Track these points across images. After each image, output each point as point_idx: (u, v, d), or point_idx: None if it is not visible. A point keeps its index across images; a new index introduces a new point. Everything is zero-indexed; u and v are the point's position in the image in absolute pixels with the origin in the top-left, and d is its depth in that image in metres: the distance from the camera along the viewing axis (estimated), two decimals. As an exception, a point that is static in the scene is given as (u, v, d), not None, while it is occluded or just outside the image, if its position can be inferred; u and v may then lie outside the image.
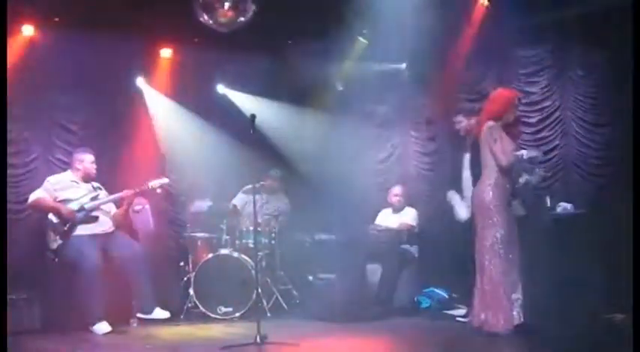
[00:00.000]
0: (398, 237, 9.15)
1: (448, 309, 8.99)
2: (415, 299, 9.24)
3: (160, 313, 8.50)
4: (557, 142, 8.68)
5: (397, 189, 9.79)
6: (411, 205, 9.79)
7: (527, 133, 8.97)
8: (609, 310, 7.27)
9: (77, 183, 8.56)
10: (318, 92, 10.67)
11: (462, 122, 8.23)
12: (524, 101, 8.98)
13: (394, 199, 9.74)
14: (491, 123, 6.91)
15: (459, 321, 8.15)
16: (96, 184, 8.72)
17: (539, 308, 7.04)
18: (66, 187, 8.46)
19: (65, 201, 8.35)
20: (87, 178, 8.61)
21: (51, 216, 8.29)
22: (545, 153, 8.80)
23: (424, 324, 8.35)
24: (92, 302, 7.98)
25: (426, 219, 9.64)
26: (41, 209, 8.38)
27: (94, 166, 8.64)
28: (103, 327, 7.94)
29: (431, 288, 9.33)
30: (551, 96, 8.73)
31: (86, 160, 8.61)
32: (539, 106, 8.82)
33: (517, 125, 7.10)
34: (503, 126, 6.92)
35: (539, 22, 8.83)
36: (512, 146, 6.86)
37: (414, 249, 9.31)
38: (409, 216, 9.58)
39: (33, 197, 8.38)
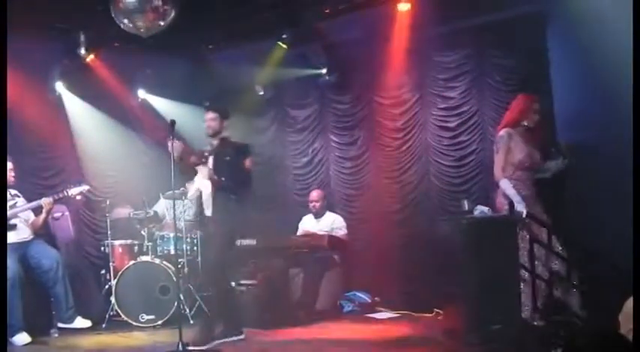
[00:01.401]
0: (319, 242, 9.18)
1: (370, 313, 9.09)
2: (338, 303, 9.30)
3: (81, 322, 8.41)
4: (474, 146, 8.81)
5: (314, 195, 9.85)
6: (333, 210, 9.85)
7: (445, 138, 9.11)
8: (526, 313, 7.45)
9: (-7, 190, 8.39)
10: (238, 97, 10.64)
11: None
12: (442, 106, 9.14)
13: (310, 205, 9.79)
14: (502, 132, 7.08)
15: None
16: (13, 192, 8.56)
17: (459, 310, 7.17)
18: (-20, 196, 8.29)
19: (-19, 209, 8.18)
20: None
21: (-35, 224, 8.12)
22: (463, 157, 8.95)
23: (347, 327, 8.44)
24: (11, 312, 7.82)
25: (348, 223, 9.69)
26: None
27: (12, 174, 8.49)
28: (22, 338, 7.81)
29: (353, 292, 9.42)
30: (469, 101, 8.84)
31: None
32: (457, 111, 8.93)
33: (539, 130, 7.17)
34: (525, 131, 7.08)
35: (458, 28, 8.96)
36: (521, 154, 6.96)
37: (335, 254, 9.34)
38: (331, 222, 9.63)
39: None
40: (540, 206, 7.01)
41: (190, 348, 6.98)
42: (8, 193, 8.49)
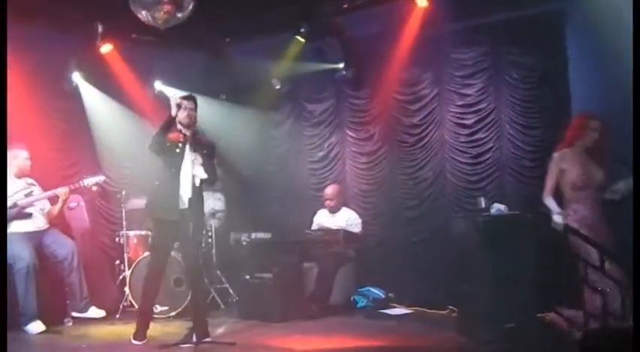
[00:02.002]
0: (333, 237, 9.17)
1: (384, 309, 9.08)
2: (351, 298, 9.30)
3: (95, 312, 8.44)
4: (491, 144, 8.78)
5: (329, 190, 9.82)
6: (348, 206, 9.84)
7: (462, 135, 9.08)
8: (542, 310, 7.43)
9: (10, 179, 8.43)
10: (255, 90, 10.66)
11: None
12: (459, 103, 9.11)
13: (326, 200, 9.77)
14: (554, 154, 7.04)
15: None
16: (30, 180, 8.60)
17: (472, 309, 7.15)
18: (-3, 184, 8.32)
19: (-3, 198, 8.22)
20: (20, 174, 8.50)
21: (-18, 212, 8.16)
22: (480, 154, 8.92)
23: (360, 323, 8.44)
24: (25, 300, 7.87)
25: (362, 219, 9.68)
26: None
27: (29, 163, 8.53)
28: (36, 327, 7.85)
29: (367, 288, 9.40)
30: (486, 98, 8.81)
31: (20, 156, 8.49)
32: (474, 108, 8.90)
33: (599, 148, 6.99)
34: (582, 151, 6.99)
35: (476, 24, 8.93)
36: (577, 174, 6.87)
37: (350, 249, 9.34)
38: (346, 218, 9.61)
39: None
40: (605, 227, 6.87)
41: (208, 340, 7.01)
42: (24, 182, 8.53)
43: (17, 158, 8.47)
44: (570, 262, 6.66)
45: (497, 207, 7.41)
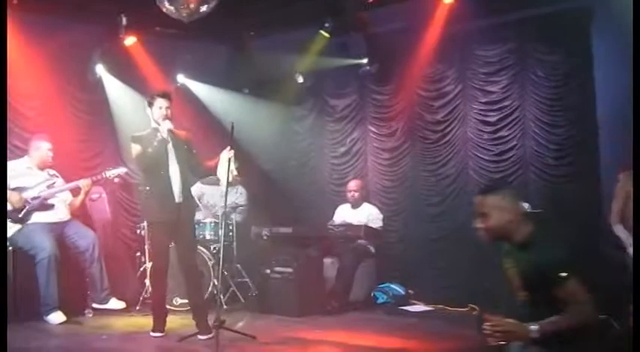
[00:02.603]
0: (355, 232, 9.16)
1: (404, 305, 9.06)
2: (371, 294, 9.28)
3: (115, 303, 8.45)
4: (515, 142, 8.72)
5: (352, 185, 9.82)
6: (369, 201, 9.82)
7: (485, 132, 9.03)
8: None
9: (32, 170, 8.46)
10: (278, 85, 10.65)
11: None
12: (483, 100, 9.05)
13: (349, 194, 9.76)
14: (620, 175, 6.87)
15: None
16: (52, 172, 8.63)
17: (493, 307, 7.10)
18: (21, 174, 8.36)
19: (19, 189, 8.25)
20: (43, 166, 8.52)
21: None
22: (503, 152, 8.87)
23: (380, 319, 8.42)
24: (47, 291, 7.90)
25: (384, 215, 9.66)
26: None
27: (51, 154, 8.55)
28: (57, 317, 7.87)
29: (387, 284, 9.38)
30: (510, 95, 8.75)
31: (42, 147, 8.51)
32: (498, 105, 8.84)
33: None
34: None
35: (501, 21, 8.89)
36: None
37: (371, 245, 9.32)
38: (368, 213, 9.60)
39: None
40: None
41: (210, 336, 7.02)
42: (47, 173, 8.56)
43: (39, 149, 8.49)
44: (594, 262, 6.61)
45: (521, 205, 7.36)
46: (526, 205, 7.40)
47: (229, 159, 7.19)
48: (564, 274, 4.00)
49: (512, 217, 4.20)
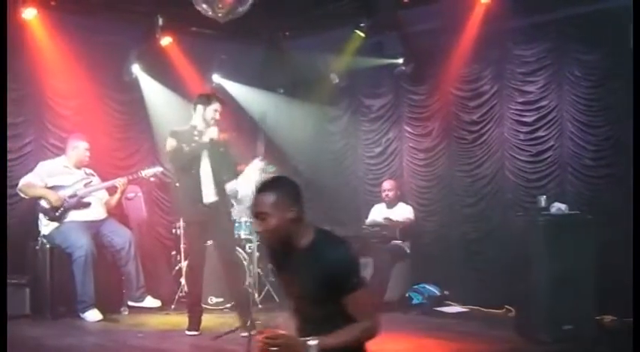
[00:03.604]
0: (390, 232, 9.14)
1: (439, 306, 9.01)
2: (406, 294, 9.24)
3: (151, 302, 8.51)
4: (552, 143, 8.64)
5: (387, 184, 9.79)
6: (405, 201, 9.78)
7: (522, 132, 8.95)
8: (601, 312, 7.31)
9: (70, 169, 8.54)
10: (313, 85, 10.64)
11: None
12: (520, 100, 8.98)
13: (384, 194, 9.74)
14: None
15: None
16: (88, 170, 8.70)
17: (529, 309, 7.06)
18: (58, 173, 8.45)
19: (57, 187, 8.34)
20: (79, 164, 8.60)
21: (42, 201, 8.28)
22: (540, 153, 8.79)
23: (414, 320, 8.39)
24: (83, 288, 7.97)
25: (419, 215, 9.62)
26: (29, 194, 8.35)
27: (87, 153, 8.63)
28: (93, 315, 7.94)
29: (422, 284, 9.33)
30: (548, 95, 8.66)
31: (80, 147, 8.59)
32: (535, 106, 8.75)
33: None
34: None
35: (539, 21, 8.81)
36: None
37: (406, 245, 9.29)
38: (403, 213, 9.56)
39: (23, 181, 8.36)
40: None
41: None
42: (83, 172, 8.63)
43: (77, 148, 8.57)
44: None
45: (558, 207, 7.31)
46: (563, 207, 7.34)
47: (260, 169, 7.27)
48: (357, 278, 3.66)
49: (293, 216, 3.69)
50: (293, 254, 3.78)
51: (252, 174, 7.72)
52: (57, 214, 8.28)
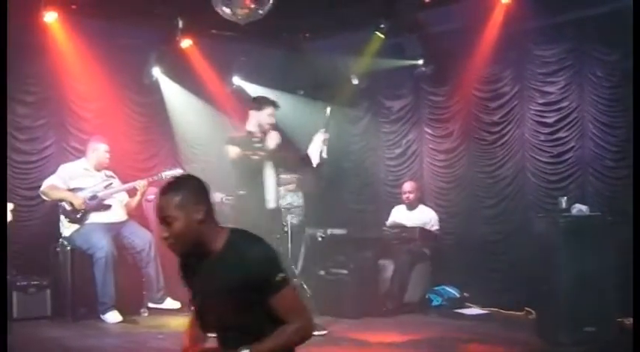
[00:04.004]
0: (410, 234, 9.12)
1: (459, 308, 8.97)
2: (426, 296, 9.20)
3: (171, 303, 8.52)
4: (573, 144, 8.58)
5: (408, 186, 9.77)
6: (425, 203, 9.76)
7: (543, 133, 8.90)
8: (622, 313, 7.25)
9: (90, 171, 8.59)
10: (333, 86, 10.63)
11: None
12: (541, 101, 8.93)
13: (404, 196, 9.72)
14: None
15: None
16: (109, 173, 8.74)
17: (550, 311, 7.01)
18: (79, 175, 8.50)
19: (77, 190, 8.38)
20: (100, 167, 8.64)
21: (64, 203, 8.33)
22: (561, 154, 8.74)
23: (434, 322, 8.37)
24: (104, 290, 8.00)
25: (440, 217, 9.59)
26: (52, 196, 8.41)
27: (107, 156, 8.66)
28: (114, 316, 7.96)
29: (442, 286, 9.29)
30: (569, 96, 8.61)
31: (100, 149, 8.63)
32: (556, 106, 8.70)
33: None
34: None
35: (559, 21, 8.76)
36: None
37: (426, 247, 9.26)
38: (425, 216, 9.54)
39: (45, 184, 8.41)
40: None
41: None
42: (103, 174, 8.67)
43: (97, 151, 8.61)
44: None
45: (579, 208, 7.26)
46: (584, 208, 7.30)
47: (323, 141, 7.29)
48: (280, 276, 3.36)
49: (202, 217, 3.39)
50: (206, 259, 3.48)
51: (314, 148, 7.70)
52: (78, 216, 8.33)
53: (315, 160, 7.35)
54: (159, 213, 3.41)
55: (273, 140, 7.39)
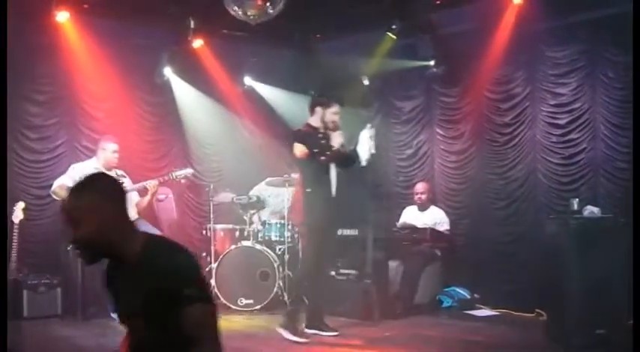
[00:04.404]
0: (421, 235, 9.11)
1: (469, 309, 8.95)
2: (437, 297, 9.19)
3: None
4: (585, 145, 8.56)
5: (420, 187, 9.77)
6: (436, 204, 9.74)
7: (555, 135, 8.88)
8: (632, 316, 7.22)
9: (100, 171, 8.56)
10: (344, 87, 10.61)
11: None
12: (552, 102, 8.91)
13: (416, 197, 9.71)
14: None
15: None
16: (119, 172, 8.71)
17: (561, 313, 6.98)
18: (89, 176, 8.46)
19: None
20: (108, 166, 8.61)
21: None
22: (573, 155, 8.72)
23: (444, 323, 8.35)
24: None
25: (450, 218, 9.57)
26: (62, 196, 8.41)
27: (116, 156, 8.62)
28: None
29: (452, 288, 9.28)
30: (581, 98, 8.59)
31: (108, 149, 8.61)
32: (568, 108, 8.69)
33: None
34: None
35: (571, 22, 8.74)
36: None
37: (437, 248, 9.24)
38: (435, 216, 9.52)
39: (56, 183, 8.42)
40: None
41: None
42: (114, 173, 8.66)
43: (105, 150, 8.59)
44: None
45: (590, 210, 7.23)
46: (596, 210, 7.26)
47: (370, 137, 7.30)
48: (190, 290, 2.99)
49: (112, 219, 3.05)
50: (122, 269, 3.15)
51: (362, 146, 7.71)
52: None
53: (364, 158, 7.37)
54: (62, 215, 3.11)
55: (337, 140, 7.41)
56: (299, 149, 7.35)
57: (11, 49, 6.84)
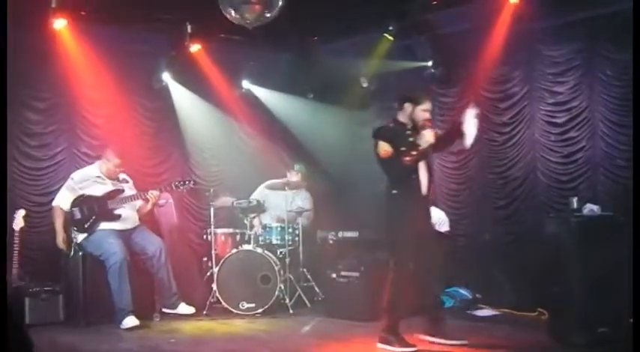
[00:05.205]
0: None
1: (471, 309, 8.95)
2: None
3: (185, 308, 8.52)
4: (584, 143, 8.57)
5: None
6: (436, 205, 9.73)
7: (553, 133, 8.89)
8: (632, 314, 7.22)
9: (102, 179, 8.56)
10: (343, 89, 10.63)
11: None
12: (550, 101, 8.92)
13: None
14: None
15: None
16: (122, 176, 8.71)
17: (563, 312, 6.98)
18: (90, 184, 8.49)
19: (87, 197, 8.37)
20: (109, 176, 8.59)
21: (75, 210, 8.34)
22: (572, 153, 8.73)
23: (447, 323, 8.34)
24: (120, 296, 7.98)
25: (451, 218, 9.57)
26: (54, 220, 8.47)
27: (118, 170, 8.60)
28: (132, 321, 7.94)
29: (454, 288, 9.27)
30: (579, 96, 8.60)
31: (112, 161, 8.56)
32: (566, 106, 8.70)
33: None
34: None
35: (568, 20, 8.75)
36: None
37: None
38: (434, 217, 9.49)
39: (55, 202, 8.48)
40: None
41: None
42: (116, 181, 8.66)
43: (109, 161, 8.56)
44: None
45: (590, 208, 7.23)
46: (596, 208, 7.27)
47: (476, 114, 6.93)
48: None
49: None
50: None
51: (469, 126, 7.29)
52: (86, 226, 8.32)
53: (470, 138, 6.94)
54: None
55: (426, 139, 6.82)
56: (383, 148, 6.97)
57: (10, 57, 6.82)
